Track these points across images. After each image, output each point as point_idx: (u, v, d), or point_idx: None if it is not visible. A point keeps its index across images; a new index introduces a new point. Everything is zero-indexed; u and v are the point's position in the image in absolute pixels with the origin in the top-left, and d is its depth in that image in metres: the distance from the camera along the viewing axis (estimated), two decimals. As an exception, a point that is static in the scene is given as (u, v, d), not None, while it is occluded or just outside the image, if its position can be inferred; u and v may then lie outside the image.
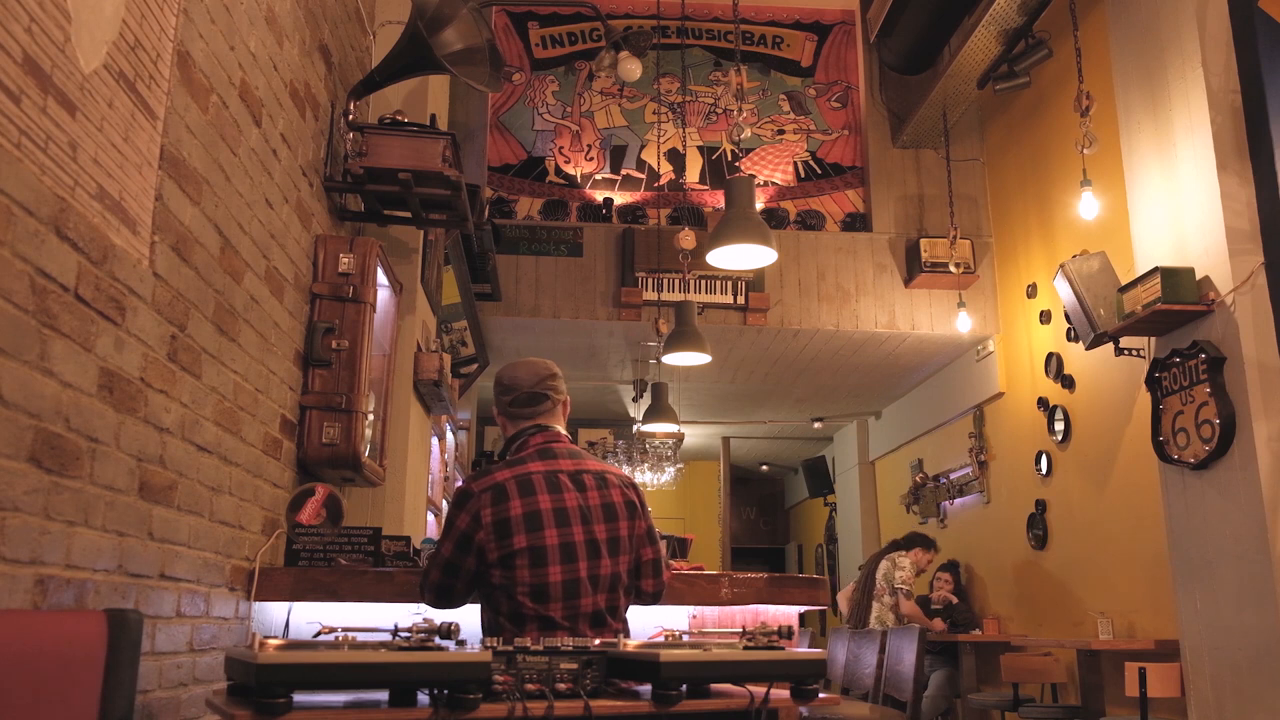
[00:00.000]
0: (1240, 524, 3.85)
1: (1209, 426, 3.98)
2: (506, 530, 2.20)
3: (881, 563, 6.66)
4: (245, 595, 2.63)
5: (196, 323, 2.26)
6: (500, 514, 2.20)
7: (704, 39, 7.39)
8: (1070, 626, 5.76)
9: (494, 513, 2.20)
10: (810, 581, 2.92)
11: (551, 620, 2.19)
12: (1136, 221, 4.60)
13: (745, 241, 4.11)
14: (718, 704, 1.79)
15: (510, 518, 2.20)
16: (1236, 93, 4.07)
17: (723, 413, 9.62)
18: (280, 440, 2.91)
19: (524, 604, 2.17)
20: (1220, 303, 4.00)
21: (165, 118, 2.07)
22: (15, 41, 1.54)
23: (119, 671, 1.59)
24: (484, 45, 3.41)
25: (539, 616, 2.18)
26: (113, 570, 1.89)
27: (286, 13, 2.88)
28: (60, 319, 1.68)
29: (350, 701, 1.67)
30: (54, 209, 1.65)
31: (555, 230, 6.61)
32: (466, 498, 2.24)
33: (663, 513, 11.05)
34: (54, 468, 1.67)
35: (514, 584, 2.19)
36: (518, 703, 1.65)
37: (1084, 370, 5.65)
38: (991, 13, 5.44)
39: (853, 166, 7.19)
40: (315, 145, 3.24)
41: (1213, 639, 3.99)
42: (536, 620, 2.19)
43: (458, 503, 2.25)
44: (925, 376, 7.85)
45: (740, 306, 6.50)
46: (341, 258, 3.21)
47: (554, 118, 7.15)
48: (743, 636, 1.85)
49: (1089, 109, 4.76)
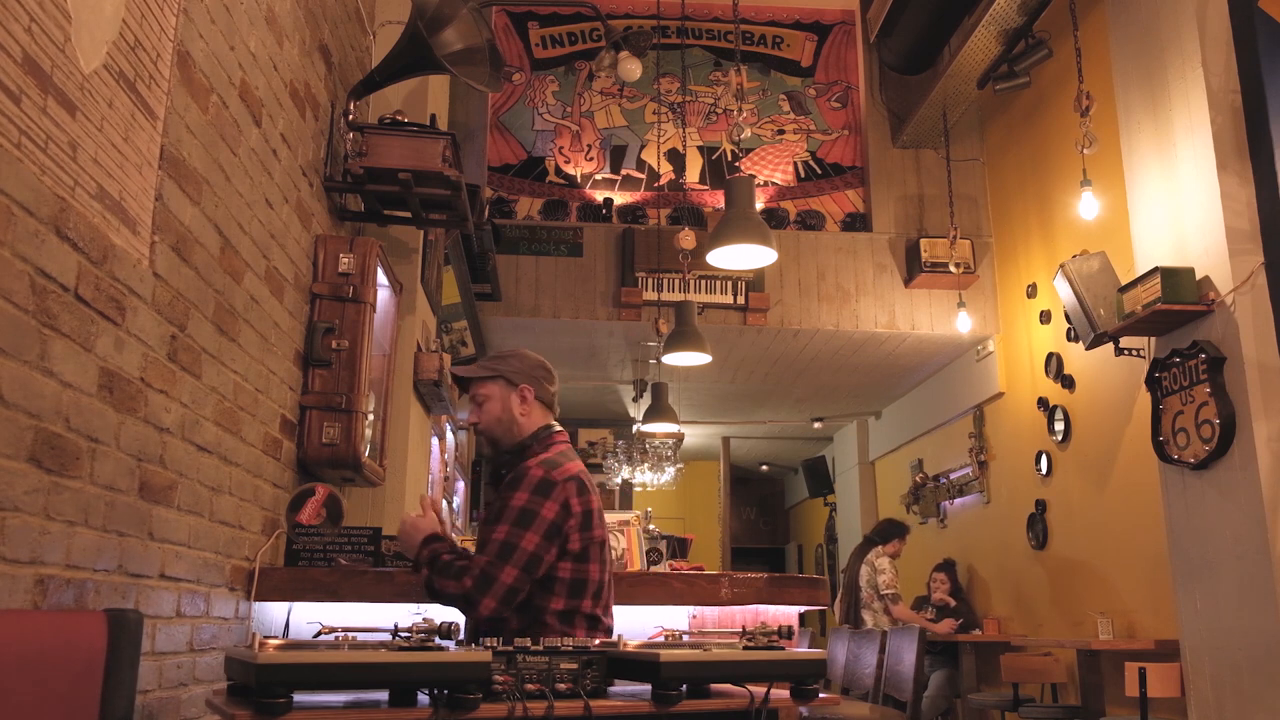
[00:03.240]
0: (1240, 524, 3.84)
1: (1209, 426, 3.98)
2: (590, 522, 2.22)
3: (862, 568, 6.64)
4: (245, 595, 2.63)
5: (196, 323, 2.26)
6: (585, 504, 2.22)
7: (704, 39, 7.39)
8: (1070, 626, 5.76)
9: (580, 502, 2.21)
10: (810, 581, 2.92)
11: (598, 620, 2.20)
12: (1136, 221, 4.60)
13: (745, 241, 4.11)
14: (718, 704, 1.79)
15: (593, 509, 2.24)
16: (1236, 93, 4.07)
17: (723, 413, 9.62)
18: (280, 440, 2.91)
19: (583, 602, 2.17)
20: (1220, 303, 4.00)
21: (165, 118, 2.07)
22: (15, 41, 1.54)
23: (119, 671, 1.59)
24: (484, 45, 3.41)
25: (590, 615, 2.19)
26: (113, 570, 1.89)
27: (286, 13, 2.88)
28: (60, 319, 1.68)
29: (350, 701, 1.67)
30: (54, 209, 1.65)
31: (555, 230, 6.61)
32: (551, 486, 2.18)
33: (663, 513, 11.04)
34: (54, 468, 1.67)
35: (585, 580, 2.18)
36: (518, 703, 1.65)
37: (1084, 370, 5.65)
38: (991, 13, 5.44)
39: (853, 166, 7.19)
40: (315, 145, 3.24)
41: (1213, 639, 3.99)
42: (587, 620, 2.18)
43: (541, 491, 2.16)
44: (925, 376, 7.85)
45: (740, 306, 6.50)
46: (341, 258, 3.21)
47: (554, 118, 7.15)
48: (743, 636, 1.84)
49: (1089, 109, 4.76)
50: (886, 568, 6.51)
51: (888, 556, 6.60)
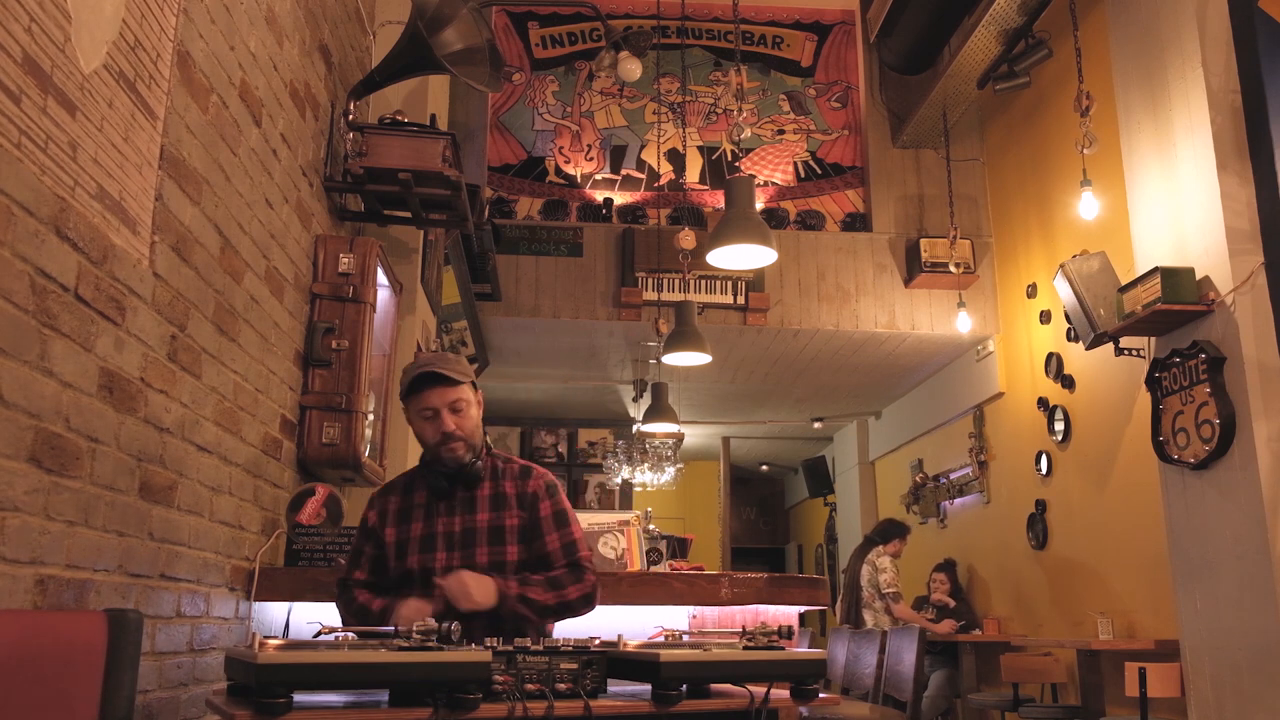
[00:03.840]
0: (1240, 524, 3.84)
1: (1209, 426, 3.97)
2: None
3: (863, 568, 6.65)
4: (245, 595, 2.63)
5: (196, 323, 2.26)
6: None
7: (704, 39, 7.39)
8: (1070, 626, 5.76)
9: None
10: (810, 581, 2.92)
11: None
12: (1136, 221, 4.60)
13: (745, 241, 4.11)
14: (718, 704, 1.79)
15: None
16: (1236, 93, 4.07)
17: (723, 413, 9.62)
18: (280, 440, 2.91)
19: None
20: (1220, 303, 4.00)
21: (165, 118, 2.07)
22: (15, 41, 1.54)
23: (119, 671, 1.60)
24: (484, 45, 3.41)
25: None
26: (113, 570, 1.89)
27: (286, 13, 2.88)
28: (60, 319, 1.68)
29: (350, 701, 1.67)
30: (54, 209, 1.65)
31: (555, 230, 6.61)
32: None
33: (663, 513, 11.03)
34: (54, 468, 1.67)
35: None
36: (518, 703, 1.65)
37: (1084, 370, 5.65)
38: (991, 13, 5.44)
39: (853, 166, 7.19)
40: (315, 145, 3.24)
41: (1213, 639, 3.99)
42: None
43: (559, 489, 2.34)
44: (925, 376, 7.85)
45: (740, 306, 6.50)
46: (341, 258, 3.21)
47: (554, 118, 7.15)
48: (743, 636, 1.84)
49: (1089, 109, 4.76)
50: (888, 566, 6.51)
51: (889, 556, 6.60)
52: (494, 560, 2.20)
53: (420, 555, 2.20)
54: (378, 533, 2.26)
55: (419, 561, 2.19)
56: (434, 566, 2.18)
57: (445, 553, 2.20)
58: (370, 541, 2.28)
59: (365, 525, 2.30)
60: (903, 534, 6.79)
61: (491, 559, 2.20)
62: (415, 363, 2.25)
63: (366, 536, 2.29)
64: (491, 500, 2.25)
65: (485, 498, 2.25)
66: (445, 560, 2.18)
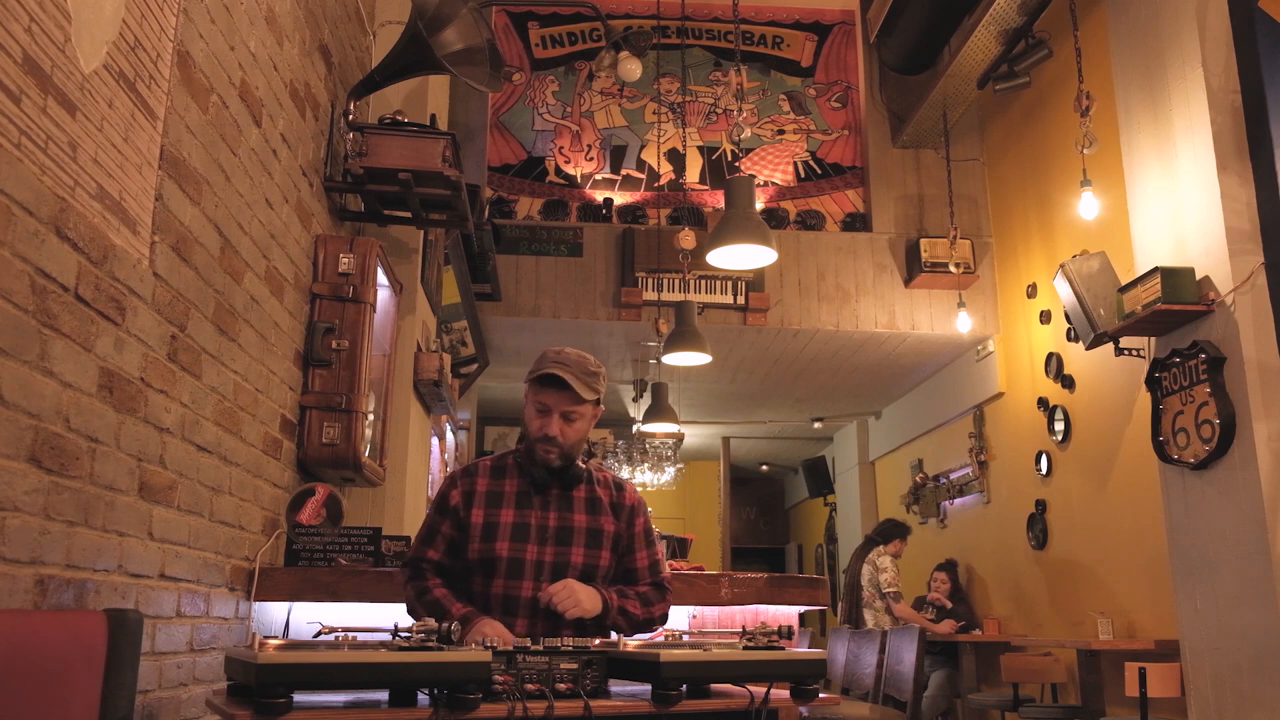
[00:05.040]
0: (1240, 524, 3.84)
1: (1209, 426, 3.98)
2: None
3: (864, 567, 6.65)
4: (245, 595, 2.63)
5: (196, 323, 2.26)
6: None
7: (704, 39, 7.39)
8: (1070, 626, 5.76)
9: None
10: (810, 581, 2.92)
11: None
12: (1136, 221, 4.60)
13: (745, 241, 4.11)
14: (718, 704, 1.79)
15: None
16: (1236, 93, 4.07)
17: (723, 413, 9.62)
18: (280, 440, 2.91)
19: None
20: (1220, 303, 4.00)
21: (165, 118, 2.07)
22: (15, 41, 1.54)
23: (119, 671, 1.60)
24: (484, 45, 3.41)
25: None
26: (113, 570, 1.89)
27: (286, 13, 2.88)
28: (60, 319, 1.68)
29: (350, 701, 1.67)
30: (54, 209, 1.65)
31: (555, 230, 6.61)
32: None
33: (663, 513, 11.05)
34: (54, 468, 1.67)
35: None
36: (518, 703, 1.65)
37: (1084, 370, 5.65)
38: (991, 13, 5.44)
39: (853, 166, 7.19)
40: (315, 145, 3.24)
41: (1213, 639, 3.99)
42: None
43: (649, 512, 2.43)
44: (925, 376, 7.85)
45: (740, 306, 6.50)
46: (341, 258, 3.21)
47: (554, 118, 7.15)
48: (743, 636, 1.84)
49: (1089, 109, 4.76)
50: (889, 566, 6.51)
51: (889, 556, 6.60)
52: (588, 562, 2.20)
53: (511, 544, 2.16)
54: (460, 514, 2.21)
55: (509, 550, 2.15)
56: (524, 558, 2.15)
57: (537, 546, 2.17)
58: (449, 521, 2.22)
59: (446, 504, 2.24)
60: (903, 534, 6.80)
61: (586, 561, 2.20)
62: (553, 357, 2.21)
63: (445, 515, 2.23)
64: (588, 503, 2.25)
65: (581, 499, 2.25)
66: (536, 554, 2.16)
